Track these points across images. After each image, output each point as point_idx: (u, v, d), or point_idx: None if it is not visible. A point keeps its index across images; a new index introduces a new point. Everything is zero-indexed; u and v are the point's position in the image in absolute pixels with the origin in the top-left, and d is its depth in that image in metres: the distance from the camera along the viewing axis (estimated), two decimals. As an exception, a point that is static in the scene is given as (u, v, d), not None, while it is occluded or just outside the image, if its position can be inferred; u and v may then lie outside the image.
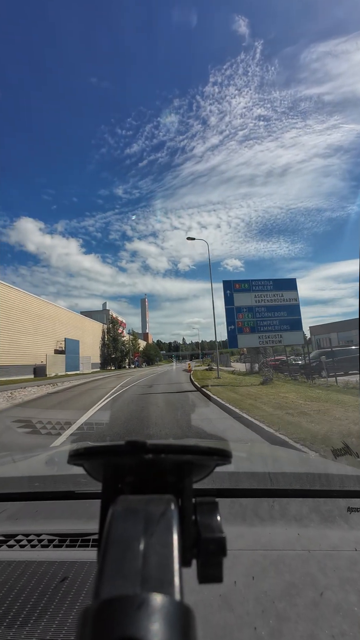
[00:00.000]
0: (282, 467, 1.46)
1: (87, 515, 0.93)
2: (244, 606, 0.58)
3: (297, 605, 0.58)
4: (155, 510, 0.30)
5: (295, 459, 1.77)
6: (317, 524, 0.86)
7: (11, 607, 0.59)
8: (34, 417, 6.21)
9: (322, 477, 1.16)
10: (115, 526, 0.28)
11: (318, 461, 1.88)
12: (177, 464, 0.35)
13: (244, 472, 1.20)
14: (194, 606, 0.23)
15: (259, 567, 0.69)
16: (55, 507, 1.02)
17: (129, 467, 0.35)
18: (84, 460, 0.35)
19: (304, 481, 1.12)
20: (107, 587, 0.23)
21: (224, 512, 0.90)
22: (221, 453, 0.35)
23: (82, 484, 1.03)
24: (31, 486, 1.11)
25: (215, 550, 0.32)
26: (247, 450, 1.85)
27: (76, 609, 0.59)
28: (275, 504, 0.95)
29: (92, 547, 0.79)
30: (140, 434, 5.11)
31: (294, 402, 7.22)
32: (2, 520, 0.94)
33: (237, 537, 0.79)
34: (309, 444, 3.74)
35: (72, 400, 10.39)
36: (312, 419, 5.32)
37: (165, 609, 0.21)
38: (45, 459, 1.71)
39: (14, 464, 1.60)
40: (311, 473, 1.24)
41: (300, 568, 0.68)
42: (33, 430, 5.33)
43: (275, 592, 0.62)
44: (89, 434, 5.37)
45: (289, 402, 7.32)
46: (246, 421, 5.55)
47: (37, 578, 0.68)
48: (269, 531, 0.82)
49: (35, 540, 0.83)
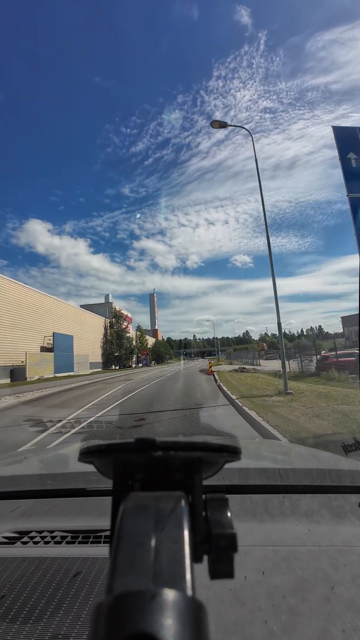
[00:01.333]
0: (292, 463, 1.45)
1: (99, 512, 0.95)
2: (256, 601, 0.59)
3: (308, 601, 0.59)
4: (165, 506, 0.30)
5: (305, 455, 1.66)
6: (328, 520, 0.86)
7: (26, 602, 0.61)
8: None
9: (332, 472, 1.16)
10: (126, 523, 0.29)
11: (328, 457, 1.63)
12: (187, 461, 0.35)
13: (254, 468, 1.21)
14: (205, 601, 0.23)
15: (269, 563, 0.69)
16: (67, 504, 1.04)
17: (139, 465, 0.35)
18: (95, 457, 0.36)
19: (315, 477, 1.11)
20: (119, 582, 0.24)
21: (234, 509, 0.89)
22: (230, 450, 0.35)
23: (93, 481, 1.05)
24: (43, 484, 1.17)
25: (226, 546, 0.32)
26: (256, 446, 1.87)
27: (89, 604, 0.60)
28: (286, 500, 0.96)
29: (104, 543, 0.80)
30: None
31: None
32: (15, 517, 0.97)
33: (248, 533, 0.79)
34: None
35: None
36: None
37: (177, 604, 0.21)
38: (57, 456, 1.77)
39: (26, 461, 1.65)
40: (321, 469, 1.22)
41: (311, 564, 0.68)
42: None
43: (286, 587, 0.62)
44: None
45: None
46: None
47: (51, 574, 0.69)
48: (279, 527, 0.83)
49: (48, 536, 0.85)
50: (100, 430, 5.72)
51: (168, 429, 5.38)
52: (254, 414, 5.88)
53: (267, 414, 5.81)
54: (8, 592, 0.64)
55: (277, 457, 1.56)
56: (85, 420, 6.64)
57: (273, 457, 1.57)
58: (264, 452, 1.66)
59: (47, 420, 6.69)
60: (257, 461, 1.37)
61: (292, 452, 1.75)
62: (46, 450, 2.04)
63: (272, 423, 5.05)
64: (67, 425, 6.15)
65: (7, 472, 1.36)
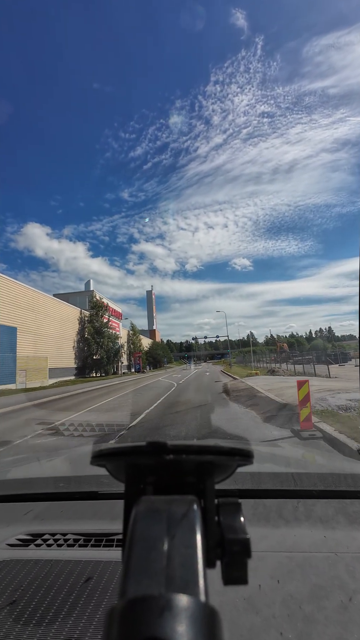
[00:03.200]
0: (305, 467, 1.42)
1: (111, 515, 0.95)
2: (270, 609, 0.58)
3: (325, 609, 0.57)
4: (178, 510, 0.30)
5: (319, 459, 1.68)
6: (344, 525, 0.84)
7: (39, 605, 0.61)
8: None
9: (347, 477, 1.12)
10: (139, 526, 0.28)
11: (343, 461, 1.78)
12: (199, 465, 0.34)
13: (267, 472, 1.18)
14: (218, 608, 0.23)
15: (284, 570, 0.68)
16: (80, 507, 1.04)
17: (150, 468, 0.35)
18: (106, 461, 0.35)
19: (329, 482, 1.07)
20: (132, 586, 0.23)
21: (247, 513, 0.88)
22: (243, 453, 0.34)
23: (105, 484, 1.05)
24: (56, 486, 1.14)
25: (240, 552, 0.31)
26: (269, 450, 1.85)
27: (102, 608, 0.60)
28: (300, 505, 0.94)
29: (116, 546, 0.80)
30: None
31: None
32: (29, 519, 0.97)
33: (262, 539, 0.78)
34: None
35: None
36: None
37: (191, 610, 0.21)
38: (69, 459, 1.77)
39: (39, 464, 1.66)
40: (336, 473, 1.18)
41: (327, 571, 0.67)
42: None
43: (302, 594, 0.61)
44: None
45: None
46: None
47: (64, 577, 0.69)
48: (294, 533, 0.81)
49: (61, 539, 0.84)
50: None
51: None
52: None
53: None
54: (21, 595, 0.64)
55: (290, 461, 1.51)
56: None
57: (286, 461, 1.52)
58: (277, 456, 1.62)
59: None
60: (270, 465, 1.35)
61: (306, 456, 1.71)
62: (59, 453, 2.08)
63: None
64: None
65: (20, 475, 1.43)
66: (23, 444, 5.25)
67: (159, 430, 5.80)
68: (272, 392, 9.44)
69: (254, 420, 6.14)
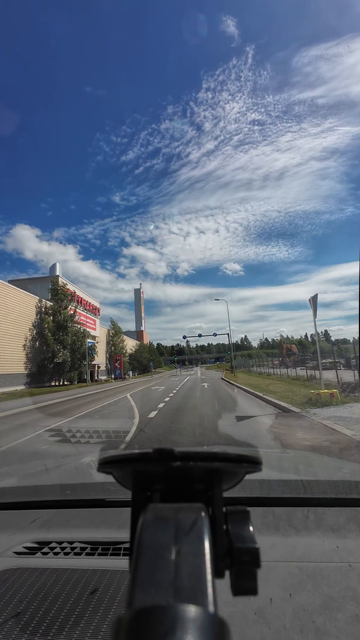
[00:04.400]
0: (315, 474, 1.38)
1: (118, 523, 0.93)
2: (281, 620, 0.56)
3: (337, 620, 0.56)
4: (185, 519, 0.29)
5: (330, 466, 1.63)
6: (356, 535, 0.81)
7: (46, 614, 0.60)
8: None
9: (359, 485, 1.08)
10: (146, 535, 0.28)
11: (354, 467, 1.58)
12: (207, 472, 0.34)
13: (276, 479, 1.14)
14: (227, 619, 0.22)
15: (295, 580, 0.66)
16: (87, 515, 1.02)
17: (158, 475, 0.34)
18: (113, 468, 0.35)
19: (340, 489, 1.04)
20: (140, 596, 0.23)
21: (256, 522, 0.86)
22: (251, 460, 0.34)
23: (112, 492, 1.03)
24: (63, 494, 1.13)
25: (249, 561, 0.30)
26: (278, 457, 1.76)
27: (109, 618, 0.59)
28: (310, 514, 0.91)
29: (123, 555, 0.78)
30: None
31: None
32: (35, 527, 0.96)
33: (271, 548, 0.76)
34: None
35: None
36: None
37: (199, 621, 0.21)
38: (76, 466, 1.74)
39: (46, 471, 1.62)
40: (347, 481, 1.14)
41: (340, 581, 0.65)
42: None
43: (313, 606, 0.59)
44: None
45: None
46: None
47: (71, 586, 0.68)
48: (304, 542, 0.79)
49: (68, 547, 0.83)
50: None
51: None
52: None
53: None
54: (28, 604, 0.63)
55: (299, 468, 1.45)
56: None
57: (295, 468, 1.48)
58: (286, 463, 1.57)
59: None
60: (279, 472, 1.32)
61: (315, 463, 1.66)
62: (66, 460, 1.97)
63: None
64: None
65: (28, 482, 1.42)
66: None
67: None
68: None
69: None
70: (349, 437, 4.47)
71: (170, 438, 5.13)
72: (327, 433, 4.89)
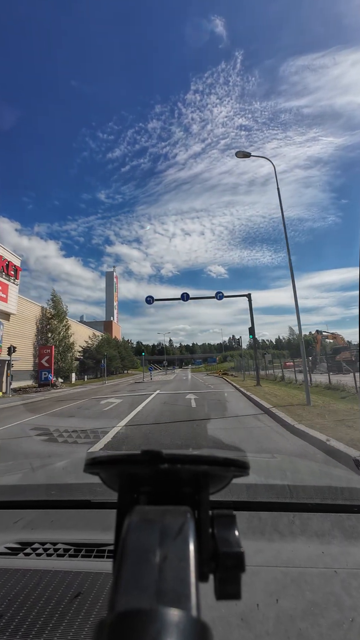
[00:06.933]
0: (302, 479, 1.37)
1: (103, 525, 0.91)
2: (264, 625, 0.56)
3: (320, 626, 0.56)
4: (171, 521, 0.29)
5: (316, 471, 1.66)
6: (340, 540, 0.81)
7: (26, 617, 0.59)
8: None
9: (345, 490, 1.09)
10: (131, 538, 0.28)
11: (340, 474, 1.66)
12: (194, 475, 0.34)
13: (262, 484, 1.13)
14: (210, 623, 0.22)
15: (279, 585, 0.66)
16: (72, 516, 1.01)
17: (145, 477, 0.34)
18: (100, 469, 0.35)
19: (326, 495, 1.05)
20: (122, 599, 0.23)
21: (242, 526, 0.84)
22: (238, 464, 0.34)
23: (99, 493, 1.02)
24: (48, 494, 1.12)
25: (234, 566, 0.31)
26: (265, 461, 1.75)
27: (91, 621, 0.58)
28: (296, 519, 0.91)
29: (107, 557, 0.77)
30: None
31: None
32: (19, 528, 0.94)
33: (256, 553, 0.76)
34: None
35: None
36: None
37: (182, 625, 0.20)
38: (62, 466, 1.71)
39: (31, 471, 1.61)
40: (333, 486, 1.15)
41: (323, 587, 0.65)
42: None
43: (296, 611, 0.59)
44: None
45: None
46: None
47: (53, 588, 0.67)
48: (289, 547, 0.79)
49: (51, 549, 0.82)
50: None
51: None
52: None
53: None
54: (8, 605, 0.62)
55: (287, 473, 1.47)
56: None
57: (282, 473, 1.48)
58: (273, 468, 1.57)
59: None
60: (266, 477, 1.30)
61: (302, 469, 1.67)
62: (52, 460, 2.02)
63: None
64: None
65: (12, 481, 1.36)
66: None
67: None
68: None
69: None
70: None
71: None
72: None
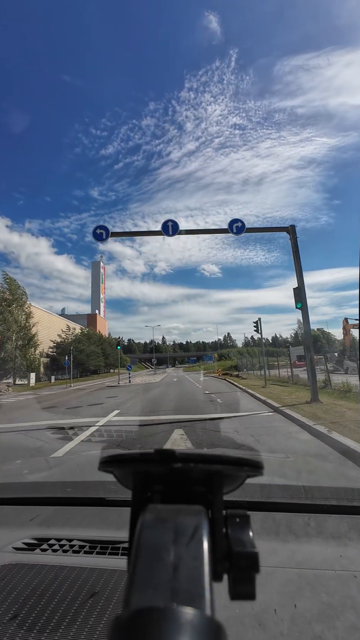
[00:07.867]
0: (317, 480, 1.35)
1: (118, 523, 0.92)
2: (279, 626, 0.56)
3: (336, 629, 0.55)
4: (185, 521, 0.29)
5: (332, 472, 1.61)
6: (357, 543, 0.81)
7: (43, 611, 0.60)
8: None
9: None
10: (145, 536, 0.28)
11: (357, 475, 1.64)
12: (207, 474, 0.34)
13: (277, 484, 1.12)
14: (224, 623, 0.22)
15: (294, 586, 0.66)
16: (86, 513, 1.02)
17: (158, 476, 0.35)
18: (114, 467, 0.35)
19: (342, 496, 1.02)
20: (137, 597, 0.23)
21: (256, 526, 0.86)
22: (252, 464, 0.34)
23: (113, 491, 1.03)
24: (64, 491, 1.15)
25: (248, 566, 0.30)
26: (279, 461, 1.69)
27: (106, 617, 0.59)
28: (311, 520, 0.91)
29: (122, 555, 0.78)
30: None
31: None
32: (35, 524, 0.96)
33: (271, 553, 0.76)
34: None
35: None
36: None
37: (196, 624, 0.21)
38: (78, 464, 1.76)
39: (48, 468, 1.70)
40: (350, 488, 1.12)
41: (339, 589, 0.65)
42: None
43: (312, 613, 0.59)
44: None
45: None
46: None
47: (69, 583, 0.67)
48: (304, 549, 0.79)
49: (67, 545, 0.83)
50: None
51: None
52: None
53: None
54: (25, 600, 0.63)
55: (302, 474, 1.43)
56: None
57: (298, 473, 1.45)
58: (287, 468, 1.52)
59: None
60: (280, 477, 1.27)
61: (318, 469, 1.66)
62: (68, 458, 2.08)
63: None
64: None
65: (29, 478, 1.42)
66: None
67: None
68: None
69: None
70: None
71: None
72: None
